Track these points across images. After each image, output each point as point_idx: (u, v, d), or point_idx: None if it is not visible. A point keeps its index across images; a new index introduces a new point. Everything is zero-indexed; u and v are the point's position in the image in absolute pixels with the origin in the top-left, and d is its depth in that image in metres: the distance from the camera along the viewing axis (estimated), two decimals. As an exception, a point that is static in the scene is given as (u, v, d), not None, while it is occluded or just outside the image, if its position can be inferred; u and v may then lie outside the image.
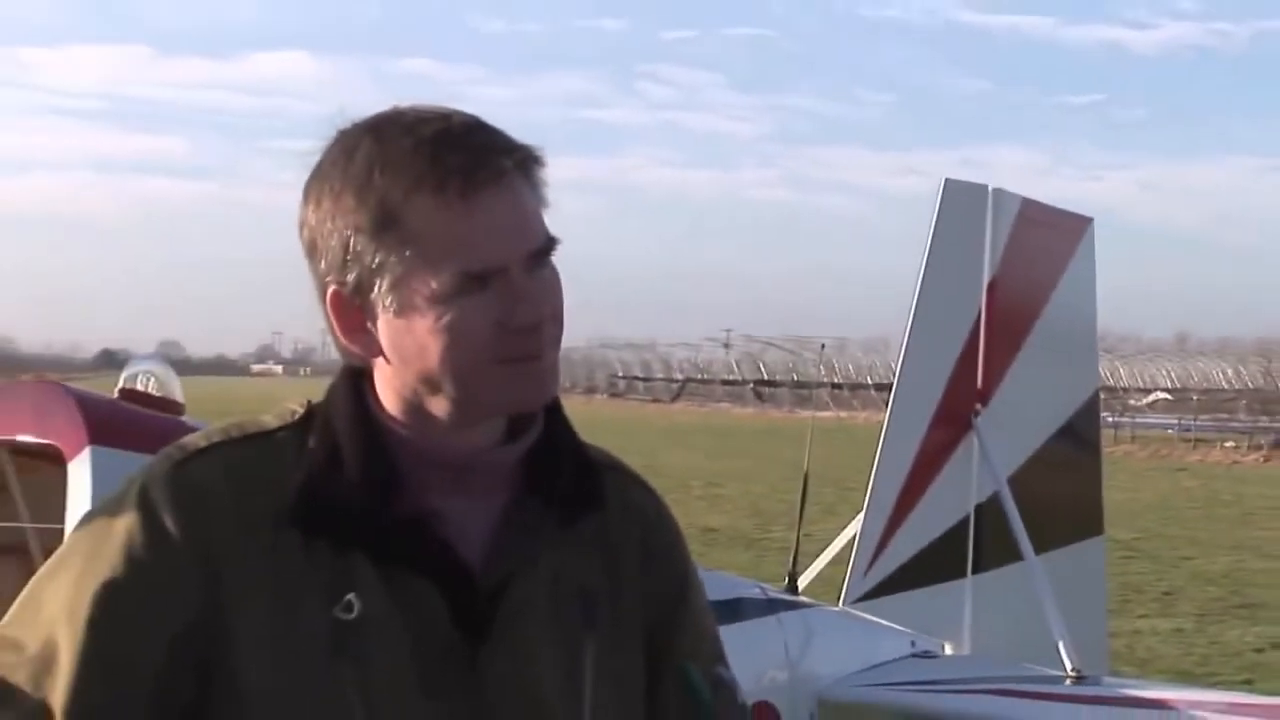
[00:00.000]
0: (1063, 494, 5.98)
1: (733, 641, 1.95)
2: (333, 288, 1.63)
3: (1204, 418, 58.01)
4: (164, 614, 1.58)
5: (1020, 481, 5.45)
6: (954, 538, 5.42)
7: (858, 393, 78.27)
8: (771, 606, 4.18)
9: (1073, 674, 4.57)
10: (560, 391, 1.73)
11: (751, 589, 4.32)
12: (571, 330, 1.67)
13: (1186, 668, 11.81)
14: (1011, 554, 5.22)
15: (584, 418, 2.00)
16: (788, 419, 67.89)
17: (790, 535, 5.30)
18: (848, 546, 5.25)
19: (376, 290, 1.60)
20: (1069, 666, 4.59)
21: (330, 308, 1.65)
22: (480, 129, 1.63)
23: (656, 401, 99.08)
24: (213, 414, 2.89)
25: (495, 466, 1.69)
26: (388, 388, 1.67)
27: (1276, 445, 46.16)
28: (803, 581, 5.08)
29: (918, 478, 5.28)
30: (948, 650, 4.98)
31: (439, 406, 1.64)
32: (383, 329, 1.62)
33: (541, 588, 1.69)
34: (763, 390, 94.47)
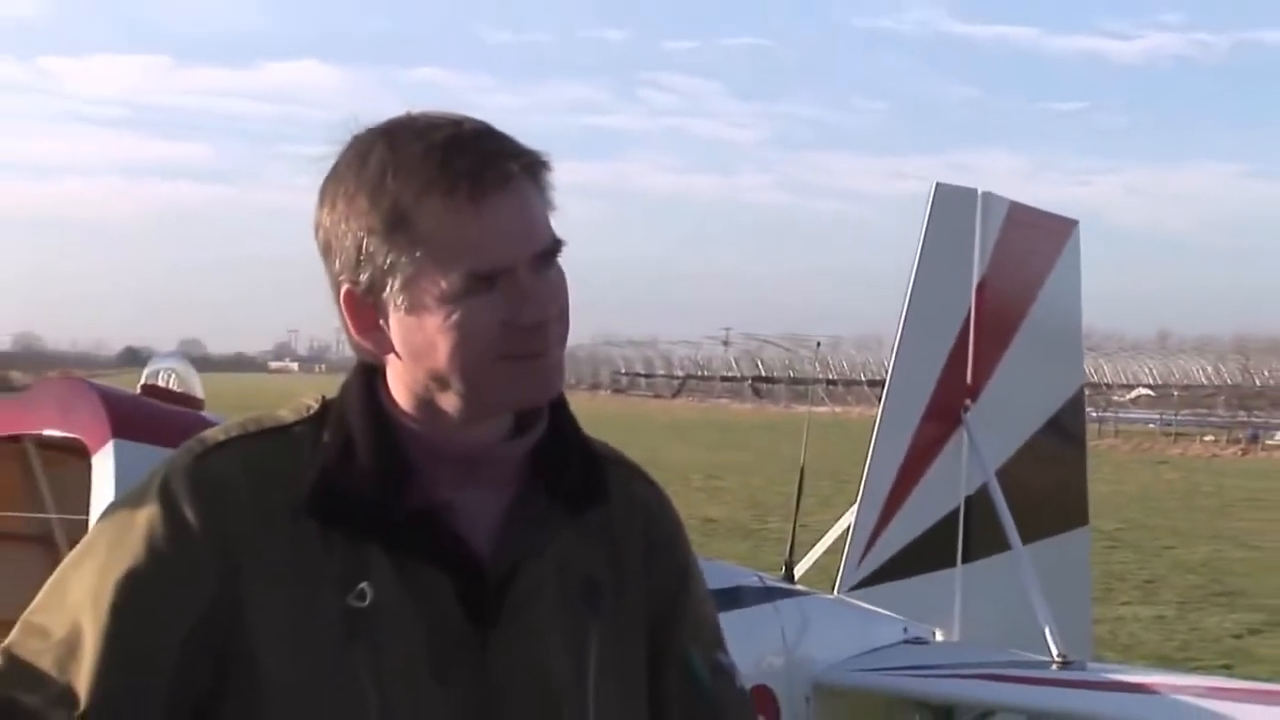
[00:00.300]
0: (1049, 486, 5.98)
1: (732, 628, 1.95)
2: (346, 286, 1.63)
3: (1184, 413, 58.03)
4: (184, 602, 1.58)
5: (1008, 474, 5.45)
6: (944, 528, 5.42)
7: (852, 389, 78.31)
8: (769, 594, 4.18)
9: (1059, 659, 4.56)
10: (565, 387, 1.73)
11: (750, 578, 4.31)
12: (576, 328, 1.67)
13: (1167, 653, 11.82)
14: (1000, 544, 5.21)
15: (588, 413, 1.99)
16: (784, 414, 67.88)
17: (787, 526, 5.29)
18: (842, 537, 5.25)
19: (388, 289, 1.60)
20: (1055, 652, 4.59)
21: (344, 306, 1.64)
22: (489, 135, 1.62)
23: (658, 397, 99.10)
24: (231, 409, 2.88)
25: (503, 460, 1.69)
26: (399, 383, 1.66)
27: (1254, 439, 46.17)
28: (799, 570, 5.08)
29: (909, 471, 5.28)
30: (938, 637, 4.98)
31: (448, 402, 1.63)
32: (394, 326, 1.62)
33: (548, 577, 1.68)
34: (760, 386, 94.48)
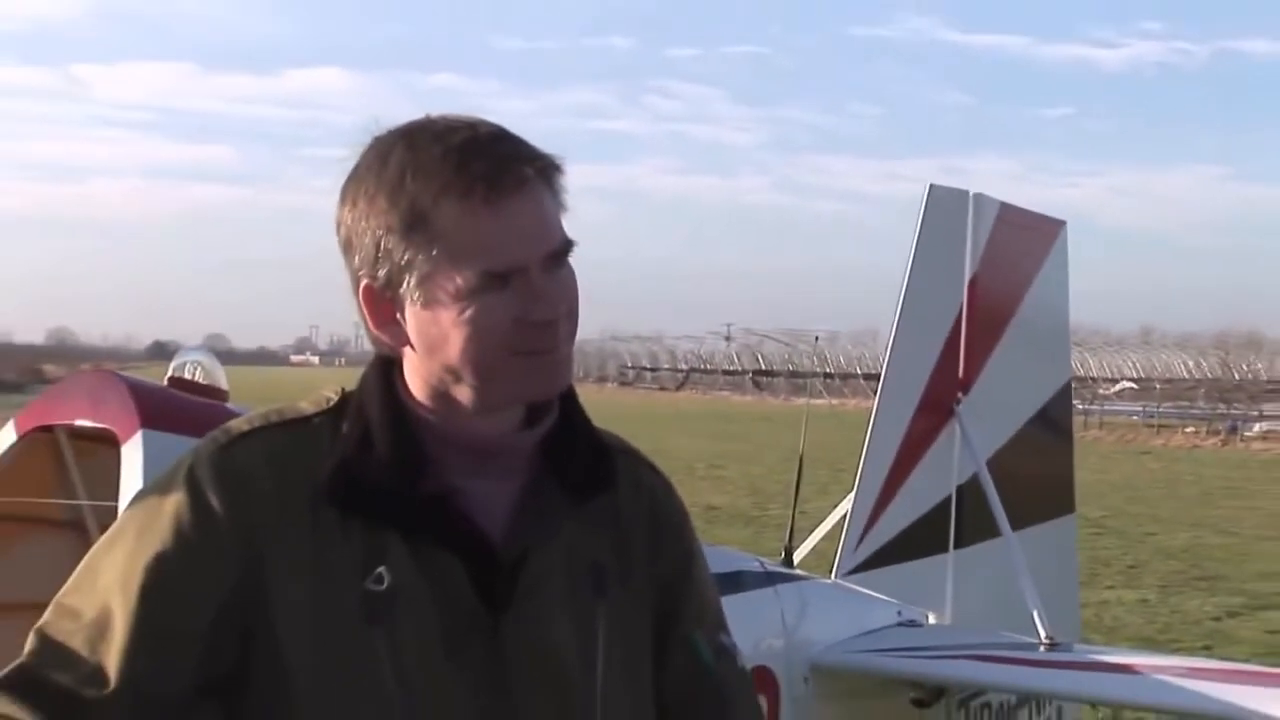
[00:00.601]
0: (1037, 475, 5.96)
1: (734, 611, 1.95)
2: (365, 282, 1.63)
3: (1167, 405, 57.91)
4: (209, 585, 1.58)
5: (998, 464, 5.44)
6: (937, 516, 5.40)
7: (848, 382, 78.10)
8: (769, 579, 4.17)
9: (1046, 641, 4.55)
10: (574, 380, 1.73)
11: (751, 563, 4.30)
12: (585, 324, 1.67)
13: (1150, 635, 11.80)
14: (990, 530, 5.20)
15: (596, 405, 1.99)
16: (784, 406, 67.85)
17: (786, 513, 5.28)
18: (839, 523, 5.24)
19: (405, 285, 1.60)
20: (1043, 634, 4.58)
21: (363, 300, 1.64)
22: (505, 138, 1.62)
23: (663, 390, 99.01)
24: (255, 400, 2.88)
25: (515, 450, 1.69)
26: (415, 376, 1.66)
27: (1233, 431, 46.08)
28: (798, 556, 5.06)
29: (904, 460, 5.27)
30: (931, 619, 4.97)
31: (462, 394, 1.63)
32: (411, 321, 1.62)
33: (558, 562, 1.69)
34: (761, 380, 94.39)
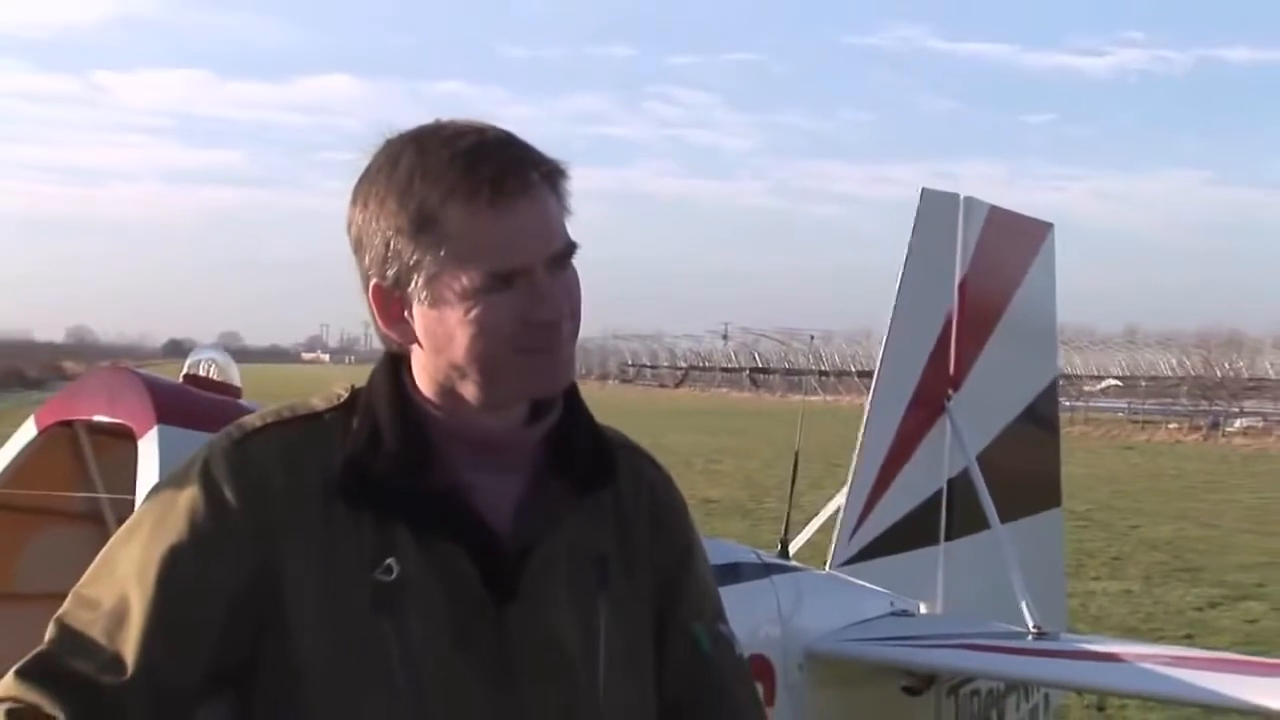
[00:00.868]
0: (1025, 469, 5.96)
1: (731, 601, 1.95)
2: (375, 281, 1.62)
3: (1150, 402, 57.90)
4: (223, 576, 1.58)
5: (988, 458, 5.43)
6: (929, 509, 5.40)
7: (843, 379, 78.02)
8: (765, 569, 4.16)
9: (1034, 630, 4.55)
10: (577, 378, 1.73)
11: (748, 554, 4.29)
12: (587, 323, 1.67)
13: (1134, 625, 11.79)
14: (980, 523, 5.19)
15: (598, 401, 1.99)
16: (780, 402, 67.87)
17: (782, 506, 5.28)
18: (833, 516, 5.23)
19: (413, 284, 1.59)
20: (1031, 624, 4.57)
21: (372, 299, 1.64)
22: (511, 143, 1.61)
23: (662, 387, 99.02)
24: (267, 397, 2.88)
25: (520, 444, 1.68)
26: (423, 372, 1.66)
27: (1214, 426, 46.08)
28: (793, 547, 5.06)
29: (896, 455, 5.26)
30: (923, 609, 4.96)
31: (468, 390, 1.63)
32: (418, 319, 1.62)
33: (561, 553, 1.68)
34: (757, 377, 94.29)
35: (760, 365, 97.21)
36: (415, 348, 1.65)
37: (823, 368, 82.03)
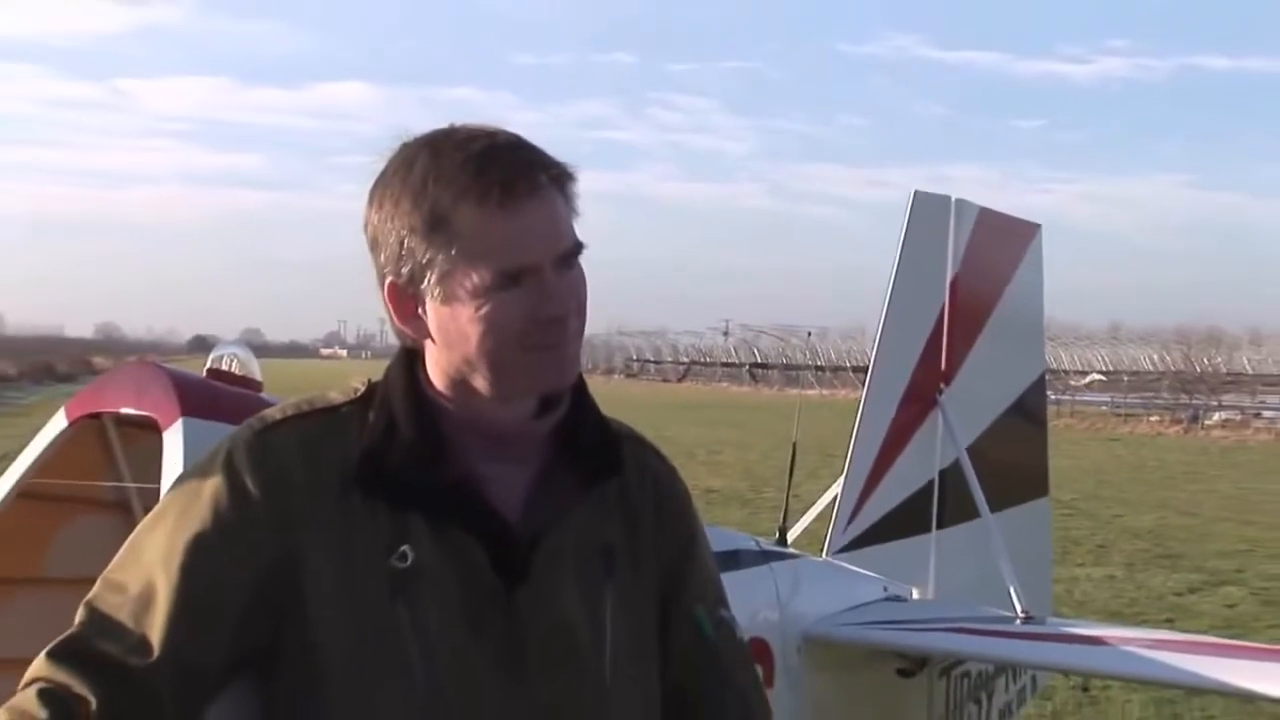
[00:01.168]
0: (1014, 461, 5.94)
1: (732, 587, 1.94)
2: (390, 279, 1.62)
3: (1133, 396, 57.81)
4: (245, 564, 1.58)
5: (978, 450, 5.42)
6: (921, 498, 5.39)
7: (838, 374, 77.99)
8: (764, 557, 4.15)
9: (1022, 615, 4.54)
10: (584, 372, 1.73)
11: (747, 542, 4.28)
12: (593, 320, 1.67)
13: (1117, 609, 11.78)
14: (970, 512, 5.18)
15: (604, 394, 1.98)
16: (778, 396, 67.84)
17: (780, 495, 5.27)
18: (830, 505, 5.22)
19: (427, 282, 1.59)
20: (1019, 608, 4.56)
21: (388, 296, 1.64)
22: (522, 147, 1.61)
23: (665, 381, 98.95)
24: (287, 391, 2.87)
25: (529, 436, 1.68)
26: (436, 367, 1.66)
27: (1194, 419, 46.01)
28: (791, 535, 5.05)
29: (890, 447, 5.25)
30: (915, 594, 4.95)
31: (479, 384, 1.63)
32: (431, 315, 1.62)
33: (568, 541, 1.68)
34: (757, 372, 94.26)
35: (759, 361, 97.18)
36: (429, 343, 1.65)
37: (819, 363, 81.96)
